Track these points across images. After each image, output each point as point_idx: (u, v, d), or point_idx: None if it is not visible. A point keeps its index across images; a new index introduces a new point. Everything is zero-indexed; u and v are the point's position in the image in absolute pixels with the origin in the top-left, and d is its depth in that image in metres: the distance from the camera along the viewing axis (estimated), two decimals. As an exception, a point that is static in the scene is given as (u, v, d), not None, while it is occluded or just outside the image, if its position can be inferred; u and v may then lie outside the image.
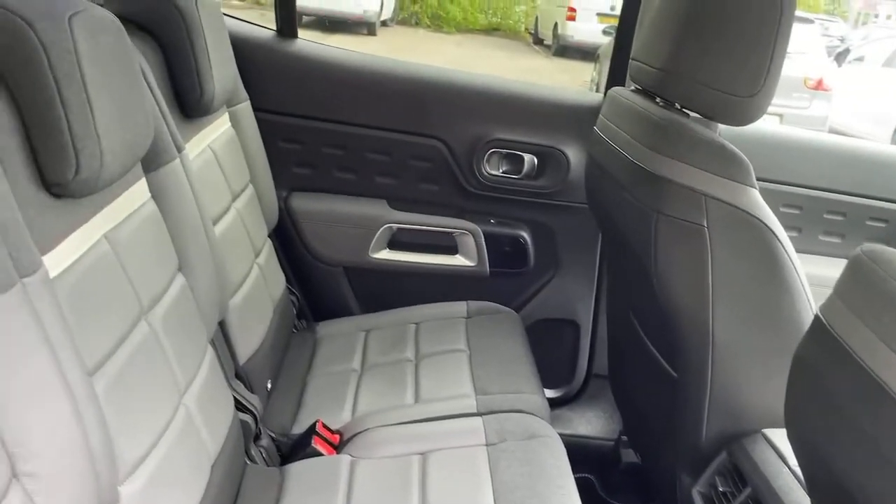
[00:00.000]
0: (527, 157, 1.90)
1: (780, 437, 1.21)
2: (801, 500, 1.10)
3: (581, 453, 1.68)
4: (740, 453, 1.24)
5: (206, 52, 1.38)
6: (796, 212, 1.87)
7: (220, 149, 1.53)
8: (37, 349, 0.75)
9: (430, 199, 1.94)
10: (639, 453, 1.76)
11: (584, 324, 2.01)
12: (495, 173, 1.91)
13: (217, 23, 1.49)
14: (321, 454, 1.36)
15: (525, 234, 1.95)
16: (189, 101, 1.39)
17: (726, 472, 1.28)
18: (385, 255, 1.96)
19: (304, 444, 1.38)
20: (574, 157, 1.87)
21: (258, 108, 1.79)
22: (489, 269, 1.95)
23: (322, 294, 1.99)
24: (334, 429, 1.44)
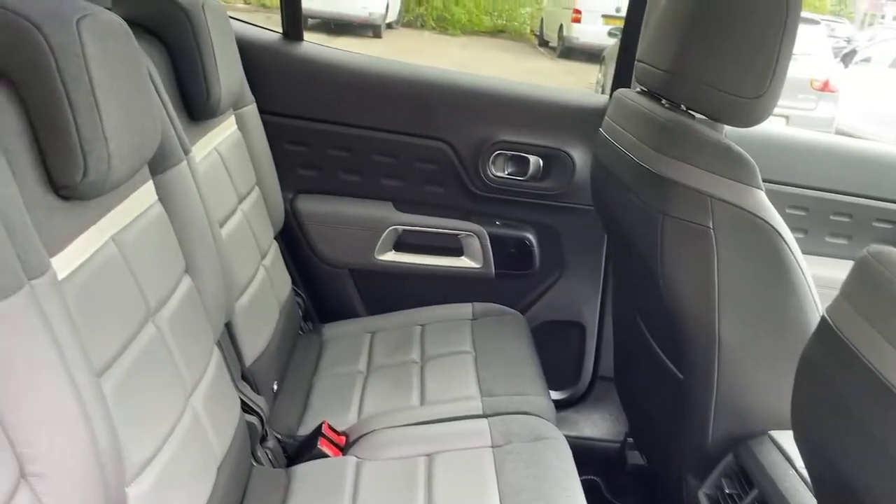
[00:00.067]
0: (532, 158, 1.90)
1: (786, 438, 1.21)
2: (808, 503, 1.10)
3: (587, 455, 1.68)
4: (747, 455, 1.24)
5: (212, 55, 1.39)
6: (803, 213, 1.87)
7: (226, 151, 1.54)
8: (45, 350, 0.75)
9: (436, 201, 1.94)
10: (645, 455, 1.76)
11: (589, 326, 2.00)
12: (501, 175, 1.91)
13: (223, 26, 1.50)
14: (327, 456, 1.36)
15: (530, 236, 1.95)
16: (196, 104, 1.39)
17: (733, 474, 1.28)
18: (391, 256, 1.96)
19: (310, 446, 1.38)
20: (579, 158, 1.87)
21: (264, 111, 1.79)
22: (495, 270, 1.95)
23: (328, 296, 2.00)
24: (340, 430, 1.44)
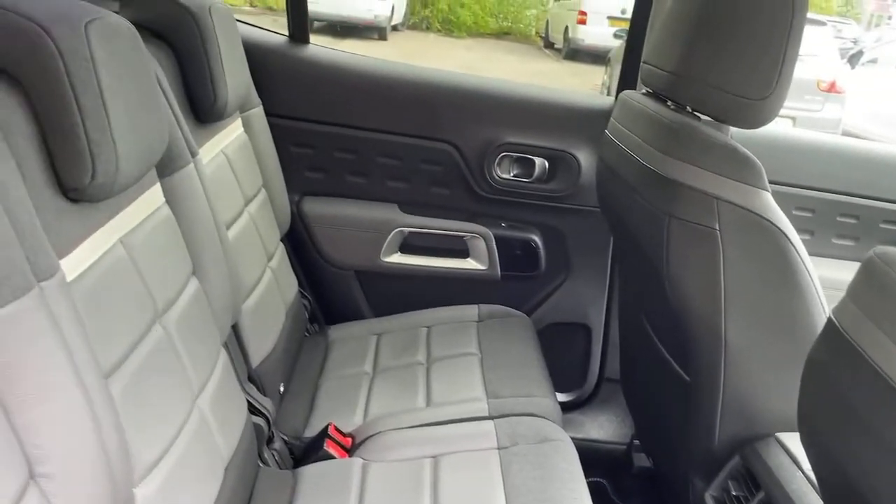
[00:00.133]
0: (538, 160, 1.90)
1: (793, 440, 1.21)
2: (815, 505, 1.10)
3: (593, 457, 1.68)
4: (753, 457, 1.23)
5: (219, 58, 1.39)
6: (809, 215, 1.86)
7: (233, 154, 1.54)
8: (54, 352, 0.76)
9: (442, 203, 1.94)
10: (651, 457, 1.76)
11: (595, 327, 2.00)
12: (506, 177, 1.91)
13: (230, 29, 1.50)
14: (333, 457, 1.36)
15: (536, 238, 1.95)
16: (203, 107, 1.40)
17: (739, 476, 1.27)
18: (396, 258, 1.96)
19: (317, 447, 1.38)
20: (585, 160, 1.87)
21: (271, 113, 1.80)
22: (500, 272, 1.95)
23: (334, 298, 2.00)
24: (346, 432, 1.45)
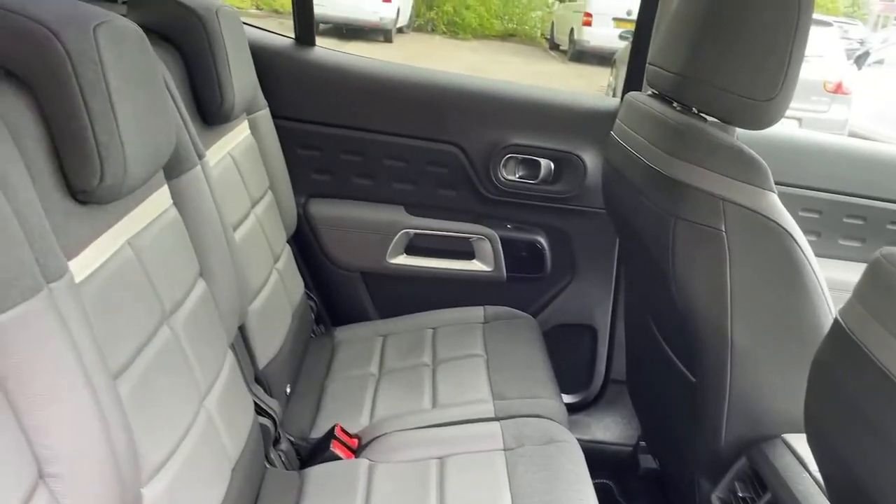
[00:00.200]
0: (543, 162, 1.90)
1: (800, 442, 1.20)
2: (822, 506, 1.09)
3: (599, 459, 1.68)
4: (760, 459, 1.23)
5: (226, 61, 1.40)
6: (815, 216, 1.86)
7: (239, 156, 1.55)
8: (63, 353, 0.76)
9: (447, 205, 1.95)
10: (657, 459, 1.76)
11: (601, 329, 2.00)
12: (512, 178, 1.91)
13: (237, 32, 1.51)
14: (340, 458, 1.37)
15: (542, 239, 1.95)
16: (210, 109, 1.41)
17: (746, 477, 1.27)
18: (402, 260, 1.97)
19: (323, 448, 1.39)
20: (591, 161, 1.87)
21: (277, 116, 1.81)
22: (506, 274, 1.95)
23: (340, 299, 2.00)
24: (352, 433, 1.45)
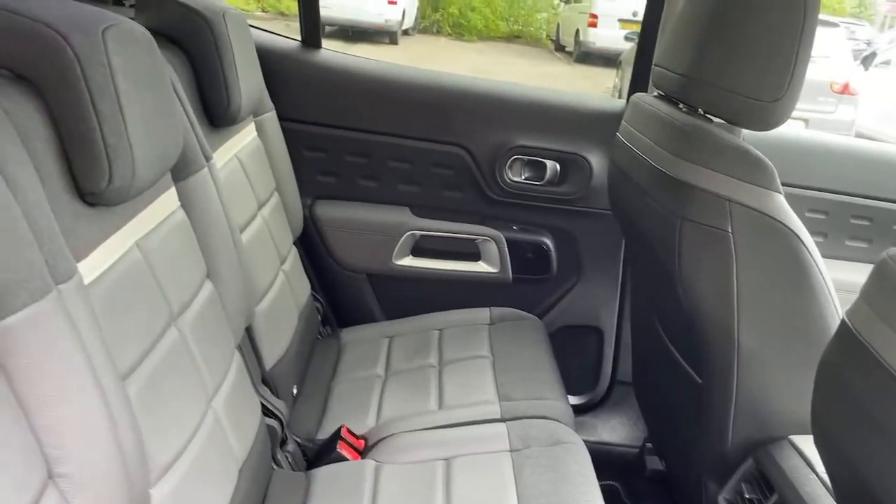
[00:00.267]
0: (549, 163, 1.90)
1: (807, 443, 1.20)
2: (829, 508, 1.09)
3: (605, 460, 1.67)
4: (767, 460, 1.23)
5: (233, 64, 1.41)
6: (822, 217, 1.85)
7: (246, 158, 1.55)
8: (72, 354, 0.77)
9: (453, 206, 1.95)
10: (664, 460, 1.75)
11: (607, 330, 2.00)
12: (518, 180, 1.91)
13: (243, 34, 1.52)
14: (346, 459, 1.37)
15: (548, 241, 1.95)
16: (216, 112, 1.41)
17: (752, 479, 1.27)
18: (408, 261, 1.97)
19: (330, 449, 1.39)
20: (596, 163, 1.87)
21: (283, 118, 1.81)
22: (512, 275, 1.95)
23: (346, 301, 2.01)
24: (359, 434, 1.45)
